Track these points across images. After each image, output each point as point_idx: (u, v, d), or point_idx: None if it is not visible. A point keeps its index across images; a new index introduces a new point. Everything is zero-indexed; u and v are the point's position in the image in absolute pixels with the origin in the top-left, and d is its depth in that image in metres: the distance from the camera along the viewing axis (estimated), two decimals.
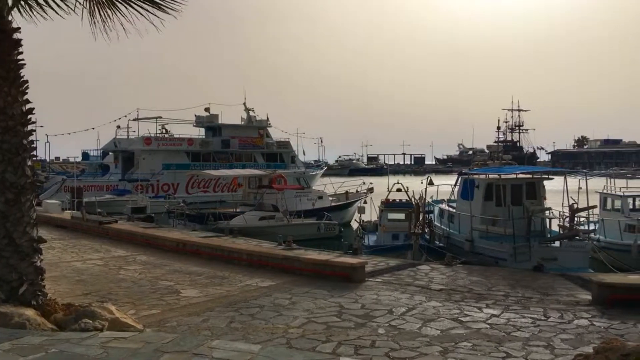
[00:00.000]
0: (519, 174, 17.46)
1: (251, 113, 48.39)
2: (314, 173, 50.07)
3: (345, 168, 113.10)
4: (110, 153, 45.33)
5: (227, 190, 38.17)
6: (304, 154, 59.58)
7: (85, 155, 48.81)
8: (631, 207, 18.63)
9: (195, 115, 47.12)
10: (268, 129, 48.82)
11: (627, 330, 7.99)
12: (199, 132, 47.86)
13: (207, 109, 46.85)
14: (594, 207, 16.11)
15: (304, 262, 12.04)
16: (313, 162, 72.75)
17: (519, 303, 9.60)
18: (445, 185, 23.00)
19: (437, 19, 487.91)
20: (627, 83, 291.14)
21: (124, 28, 7.50)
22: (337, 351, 6.82)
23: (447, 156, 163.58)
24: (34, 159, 8.76)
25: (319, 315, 8.55)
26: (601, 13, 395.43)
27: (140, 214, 25.69)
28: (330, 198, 31.21)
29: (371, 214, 21.90)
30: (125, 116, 45.50)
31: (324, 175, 53.57)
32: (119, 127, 45.16)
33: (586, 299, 9.82)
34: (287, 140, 50.77)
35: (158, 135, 44.42)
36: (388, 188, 20.71)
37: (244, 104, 48.35)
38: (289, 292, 10.24)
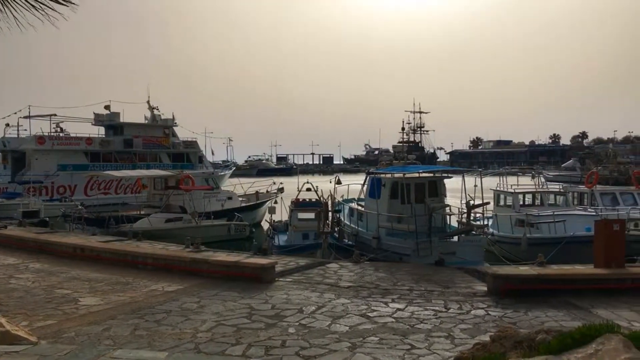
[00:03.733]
0: (421, 173, 18.26)
1: (156, 112, 46.67)
2: (222, 173, 49.25)
3: (254, 168, 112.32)
4: None
5: (131, 192, 36.60)
6: (212, 153, 58.43)
7: None
8: (521, 203, 20.10)
9: (94, 113, 44.65)
10: (174, 128, 47.35)
11: (519, 318, 8.62)
12: (99, 131, 45.46)
13: (107, 107, 44.50)
14: (488, 203, 17.17)
15: (212, 264, 11.83)
16: (221, 162, 71.59)
17: (422, 296, 10.05)
18: (355, 184, 23.51)
19: (346, 19, 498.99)
20: (520, 86, 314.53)
21: (17, 21, 6.91)
22: (247, 353, 6.76)
23: (355, 156, 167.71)
24: None
25: (229, 318, 8.44)
26: (500, 19, 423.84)
27: (32, 218, 24.07)
28: (240, 198, 30.88)
29: (282, 214, 21.94)
30: (15, 113, 42.14)
31: (232, 175, 52.85)
32: (7, 125, 41.78)
33: (482, 290, 10.48)
34: (195, 139, 49.53)
35: (52, 134, 41.56)
36: (298, 188, 20.83)
37: (148, 102, 46.54)
38: (197, 295, 10.02)
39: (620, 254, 10.84)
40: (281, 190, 30.68)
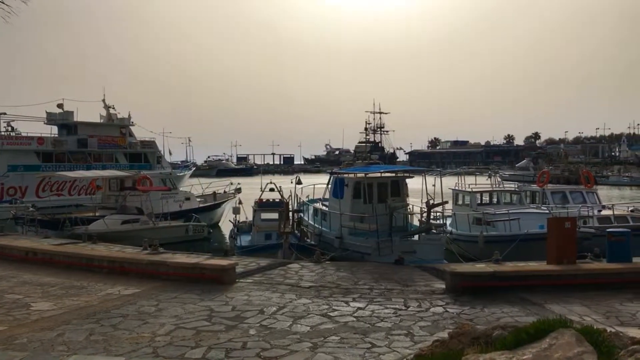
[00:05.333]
0: (383, 172, 18.44)
1: (111, 110, 45.46)
2: (182, 174, 48.45)
3: (213, 169, 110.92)
4: None
5: (85, 193, 35.60)
6: (170, 153, 57.41)
7: None
8: (478, 202, 20.56)
9: (47, 112, 43.16)
10: (131, 127, 46.24)
11: (475, 315, 8.81)
12: (52, 131, 43.97)
13: (60, 105, 43.05)
14: (446, 202, 17.48)
15: (171, 266, 11.62)
16: (180, 163, 70.44)
17: (382, 295, 10.14)
18: (318, 185, 23.51)
19: (306, 19, 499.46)
20: (476, 88, 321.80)
21: None
22: (207, 356, 6.67)
23: (315, 156, 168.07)
24: None
25: (188, 321, 8.31)
26: (454, 22, 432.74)
27: None
28: (198, 199, 30.46)
29: (243, 215, 21.75)
30: None
31: (192, 176, 52.10)
32: None
33: (441, 288, 10.66)
34: (153, 139, 48.48)
35: (3, 133, 39.97)
36: (261, 188, 20.69)
37: (103, 100, 45.26)
38: (156, 298, 9.82)
39: (572, 251, 11.22)
40: (238, 190, 30.44)
